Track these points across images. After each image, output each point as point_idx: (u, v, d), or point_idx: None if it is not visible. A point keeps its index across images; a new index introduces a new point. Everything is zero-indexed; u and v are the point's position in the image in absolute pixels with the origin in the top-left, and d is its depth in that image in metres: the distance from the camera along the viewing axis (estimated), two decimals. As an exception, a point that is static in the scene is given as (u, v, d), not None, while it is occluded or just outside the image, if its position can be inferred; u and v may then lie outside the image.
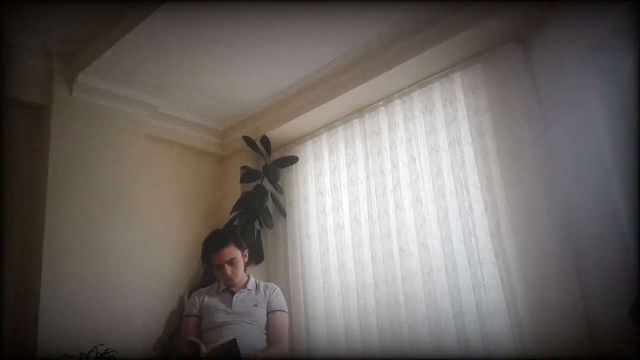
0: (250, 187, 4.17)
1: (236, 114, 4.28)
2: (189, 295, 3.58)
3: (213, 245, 3.33)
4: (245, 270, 3.45)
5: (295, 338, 3.75)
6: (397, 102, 3.62)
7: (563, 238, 2.79)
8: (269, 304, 3.32)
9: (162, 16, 3.04)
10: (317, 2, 3.03)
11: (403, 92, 3.60)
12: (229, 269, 3.28)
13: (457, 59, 3.34)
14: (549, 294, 2.76)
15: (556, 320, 2.72)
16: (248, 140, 4.21)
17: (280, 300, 3.37)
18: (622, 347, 2.44)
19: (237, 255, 3.32)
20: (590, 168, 2.70)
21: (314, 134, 4.14)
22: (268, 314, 3.29)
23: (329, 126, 4.04)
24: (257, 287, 3.40)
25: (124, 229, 3.57)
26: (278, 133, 4.17)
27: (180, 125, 4.24)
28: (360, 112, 3.84)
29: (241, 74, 3.73)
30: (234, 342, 2.89)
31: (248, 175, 4.21)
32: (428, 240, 3.27)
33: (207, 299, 3.36)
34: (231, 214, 4.07)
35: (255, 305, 3.25)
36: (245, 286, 3.37)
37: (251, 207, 4.07)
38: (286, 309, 3.39)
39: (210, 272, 3.64)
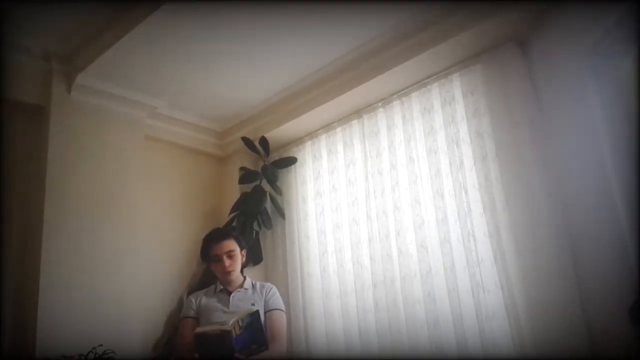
0: (248, 187, 4.17)
1: (235, 114, 4.28)
2: (187, 296, 3.59)
3: (214, 237, 3.43)
4: (242, 271, 3.47)
5: (293, 339, 3.75)
6: (396, 102, 3.62)
7: (562, 239, 2.79)
8: (265, 302, 3.34)
9: (161, 17, 3.03)
10: (316, 2, 3.03)
11: (401, 92, 3.60)
12: (227, 261, 3.34)
13: (455, 59, 3.34)
14: (548, 294, 2.76)
15: (555, 321, 2.71)
16: (246, 141, 4.21)
17: (276, 299, 3.39)
18: (622, 348, 2.43)
19: (236, 249, 3.39)
20: (589, 169, 2.69)
21: (312, 134, 4.14)
22: (265, 312, 3.30)
23: (328, 127, 4.04)
24: (254, 286, 3.43)
25: (123, 230, 3.56)
26: (276, 134, 4.17)
27: (179, 126, 4.23)
28: (358, 112, 3.84)
29: (240, 74, 3.73)
30: (256, 314, 3.01)
31: (246, 176, 4.21)
32: (426, 241, 3.27)
33: (204, 300, 3.38)
34: (229, 214, 4.08)
35: (252, 304, 3.26)
36: (241, 286, 3.40)
37: (249, 208, 4.07)
38: (283, 307, 3.40)
39: (208, 273, 3.65)
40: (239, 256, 3.43)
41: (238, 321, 2.93)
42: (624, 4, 2.39)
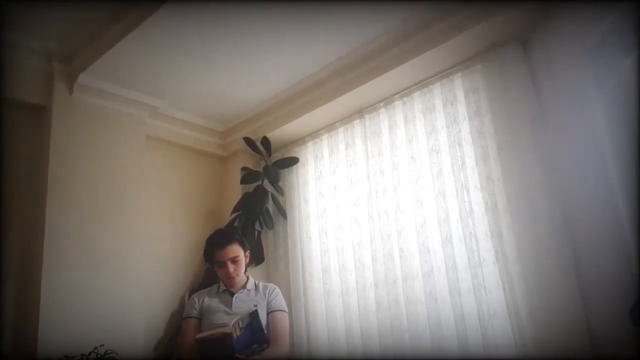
0: (250, 187, 4.17)
1: (236, 114, 4.28)
2: (189, 296, 3.59)
3: (218, 242, 3.38)
4: (245, 270, 3.46)
5: (295, 339, 3.75)
6: (398, 102, 3.62)
7: (563, 239, 2.79)
8: (268, 303, 3.33)
9: (162, 16, 3.04)
10: (317, 2, 3.03)
11: (403, 92, 3.60)
12: (231, 267, 3.32)
13: (457, 59, 3.33)
14: (549, 294, 2.76)
15: (556, 320, 2.71)
16: (248, 140, 4.21)
17: (279, 300, 3.38)
18: (623, 348, 2.43)
19: (240, 253, 3.37)
20: (590, 169, 2.69)
21: (314, 134, 4.14)
22: (268, 313, 3.30)
23: (329, 127, 4.04)
24: (256, 287, 3.42)
25: (124, 230, 3.57)
26: (278, 134, 4.17)
27: (181, 126, 4.24)
28: (360, 112, 3.84)
29: (241, 74, 3.73)
30: (255, 313, 3.02)
31: (248, 176, 4.21)
32: (428, 241, 3.27)
33: (206, 300, 3.37)
34: (231, 214, 4.08)
35: (255, 305, 3.25)
36: (244, 286, 3.39)
37: (251, 208, 4.07)
38: (286, 308, 3.40)
39: (210, 273, 3.65)
40: (243, 260, 3.40)
41: (238, 322, 2.95)
42: (624, 4, 2.39)
